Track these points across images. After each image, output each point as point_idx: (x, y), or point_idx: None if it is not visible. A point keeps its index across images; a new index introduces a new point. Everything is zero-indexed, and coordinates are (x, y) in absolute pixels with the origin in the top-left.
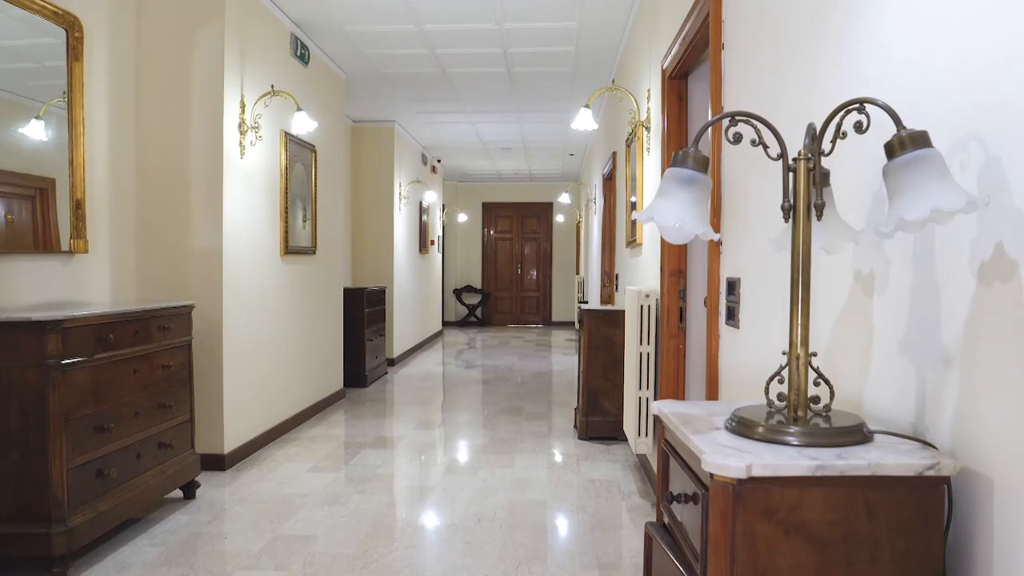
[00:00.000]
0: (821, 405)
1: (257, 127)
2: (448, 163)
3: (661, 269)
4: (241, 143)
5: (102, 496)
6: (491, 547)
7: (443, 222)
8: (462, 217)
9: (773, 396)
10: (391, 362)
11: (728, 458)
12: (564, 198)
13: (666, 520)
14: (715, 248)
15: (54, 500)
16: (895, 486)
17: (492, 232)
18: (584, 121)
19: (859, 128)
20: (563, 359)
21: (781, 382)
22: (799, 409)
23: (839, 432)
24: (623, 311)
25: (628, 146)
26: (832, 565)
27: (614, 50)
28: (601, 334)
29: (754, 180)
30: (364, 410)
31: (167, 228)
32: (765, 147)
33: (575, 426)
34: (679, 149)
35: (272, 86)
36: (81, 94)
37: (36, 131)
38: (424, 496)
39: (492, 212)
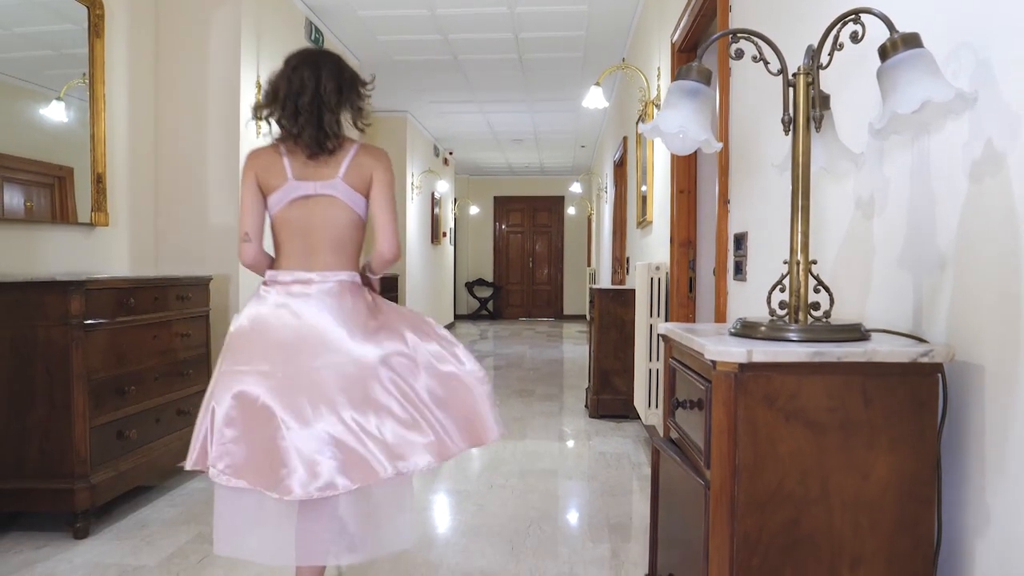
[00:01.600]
0: (821, 311)
1: None
2: (460, 156)
3: (671, 240)
4: (257, 123)
5: (123, 457)
6: (503, 510)
7: (455, 215)
8: (474, 210)
9: (775, 305)
10: None
11: (730, 346)
12: (576, 187)
13: (673, 436)
14: (724, 207)
15: (77, 457)
16: (890, 373)
17: (504, 226)
18: (595, 99)
19: (855, 38)
20: (574, 348)
21: (783, 291)
22: (800, 312)
23: (837, 329)
24: (633, 290)
25: (639, 127)
26: (830, 450)
27: (625, 34)
28: (612, 313)
29: (762, 136)
30: None
31: (185, 204)
32: (766, 63)
33: (586, 406)
34: (683, 64)
35: None
36: (102, 71)
37: (57, 112)
38: (437, 467)
39: (504, 206)
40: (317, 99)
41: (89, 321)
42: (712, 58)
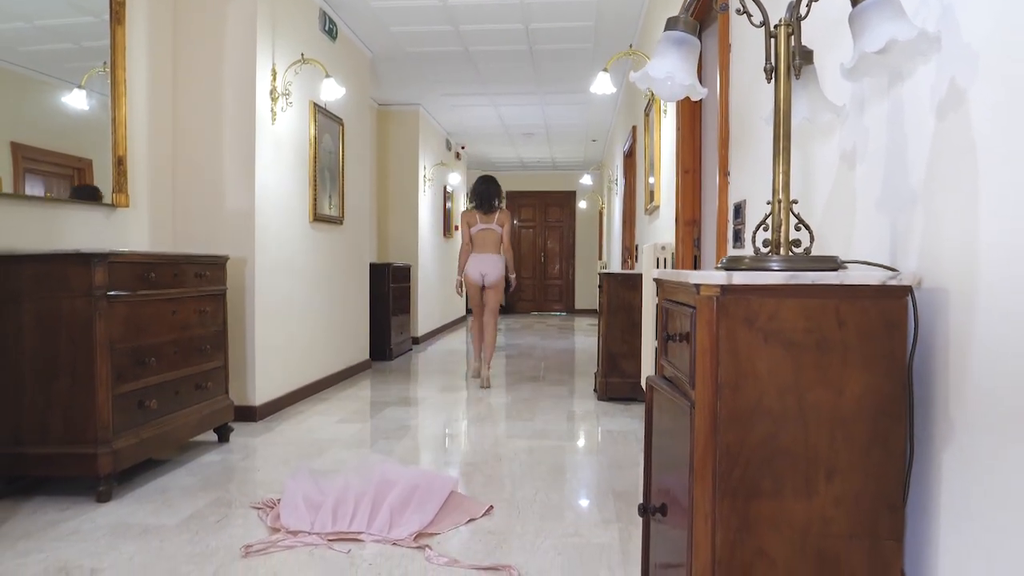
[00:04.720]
0: (802, 248)
1: (288, 94)
2: (472, 150)
3: (676, 219)
4: (272, 109)
5: (143, 425)
6: (510, 480)
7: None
8: None
9: (759, 244)
10: (415, 340)
11: (713, 271)
12: (586, 179)
13: (666, 374)
14: (724, 179)
15: (100, 422)
16: (863, 296)
17: (516, 221)
18: (602, 85)
19: None
20: (585, 339)
21: (766, 230)
22: (781, 248)
23: (814, 259)
24: (640, 275)
25: (647, 115)
26: (806, 368)
27: (634, 24)
28: (620, 297)
29: (758, 110)
30: (390, 377)
31: (202, 187)
32: (749, 15)
33: (594, 389)
34: (672, 17)
35: (302, 54)
36: (123, 56)
37: (78, 100)
38: (447, 442)
39: (515, 201)
40: (488, 197)
41: (112, 293)
42: (712, 41)
